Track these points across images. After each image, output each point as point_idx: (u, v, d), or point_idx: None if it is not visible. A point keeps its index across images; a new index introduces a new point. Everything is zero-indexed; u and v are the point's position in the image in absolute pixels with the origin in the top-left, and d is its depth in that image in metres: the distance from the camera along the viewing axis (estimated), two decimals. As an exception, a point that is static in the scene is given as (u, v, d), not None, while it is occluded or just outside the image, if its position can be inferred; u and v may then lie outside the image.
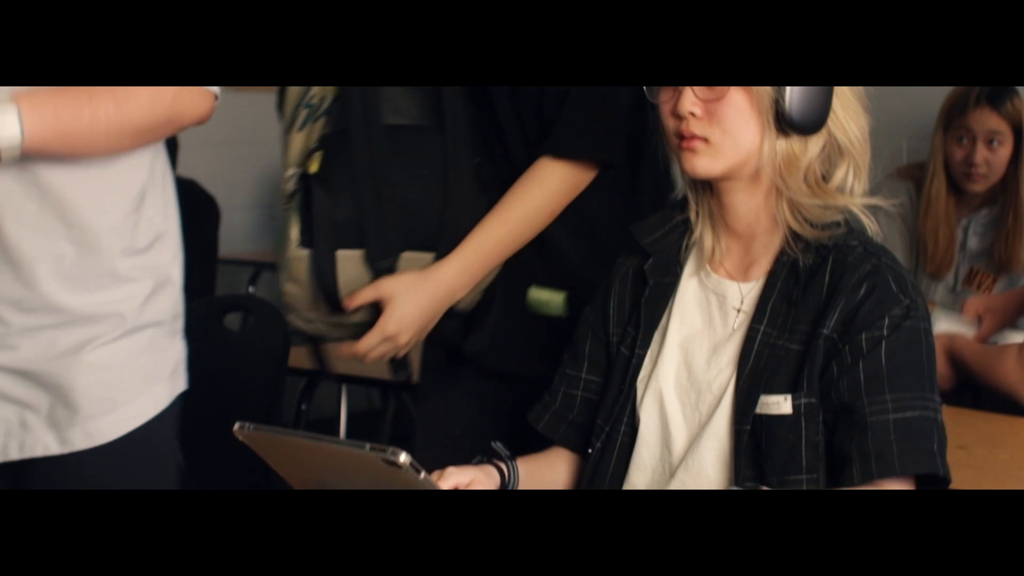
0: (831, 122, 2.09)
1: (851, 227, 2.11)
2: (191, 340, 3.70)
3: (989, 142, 4.17)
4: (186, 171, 5.57)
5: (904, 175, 4.34)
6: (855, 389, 2.01)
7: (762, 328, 2.08)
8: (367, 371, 3.65)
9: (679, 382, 2.15)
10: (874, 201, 2.12)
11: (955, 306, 4.25)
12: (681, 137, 2.08)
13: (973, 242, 4.25)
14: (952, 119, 4.21)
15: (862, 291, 2.03)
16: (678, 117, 2.08)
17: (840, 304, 2.03)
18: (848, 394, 2.02)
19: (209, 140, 5.98)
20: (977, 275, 4.24)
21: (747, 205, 2.12)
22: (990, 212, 4.24)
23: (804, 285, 2.07)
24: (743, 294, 2.14)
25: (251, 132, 6.16)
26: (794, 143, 2.07)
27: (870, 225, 2.11)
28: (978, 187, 4.20)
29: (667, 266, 2.21)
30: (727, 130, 2.06)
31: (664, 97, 2.10)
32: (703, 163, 2.08)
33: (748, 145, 2.07)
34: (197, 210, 5.02)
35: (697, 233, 2.19)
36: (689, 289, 2.19)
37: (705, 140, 2.07)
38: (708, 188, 2.16)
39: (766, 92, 2.04)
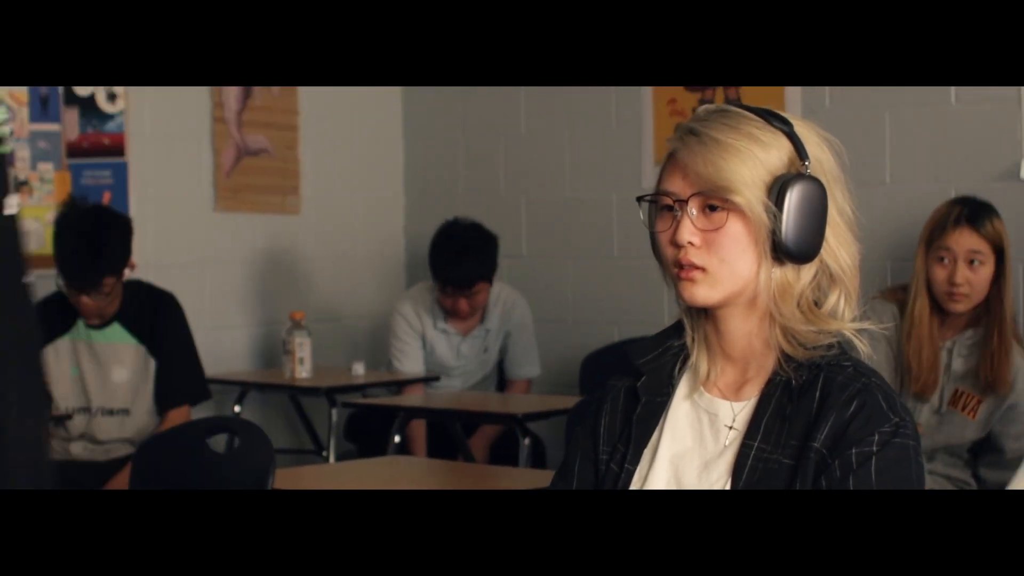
0: (824, 251, 2.12)
1: (843, 349, 2.13)
2: (176, 460, 3.73)
3: (970, 262, 4.19)
4: (173, 290, 5.58)
5: (888, 297, 4.36)
6: None
7: (756, 444, 2.08)
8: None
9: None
10: (865, 325, 2.15)
11: (940, 427, 4.25)
12: (680, 266, 2.10)
13: (958, 364, 4.25)
14: (933, 239, 4.23)
15: (852, 407, 2.04)
16: (676, 246, 2.10)
17: (831, 418, 2.04)
18: None
19: (196, 260, 6.00)
20: (962, 396, 4.24)
21: (742, 330, 2.14)
22: (974, 333, 4.25)
23: (796, 401, 2.08)
24: (735, 412, 2.14)
25: (239, 251, 6.18)
26: (788, 271, 2.11)
27: (862, 348, 2.13)
28: (960, 307, 4.22)
29: (659, 386, 2.22)
30: (725, 259, 2.09)
31: (662, 226, 2.13)
32: (702, 292, 2.10)
33: (746, 273, 2.10)
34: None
35: (693, 358, 2.20)
36: (681, 409, 2.20)
37: (703, 269, 2.09)
38: (704, 314, 2.17)
39: (763, 223, 2.07)
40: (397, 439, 5.07)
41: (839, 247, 2.14)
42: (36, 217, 5.65)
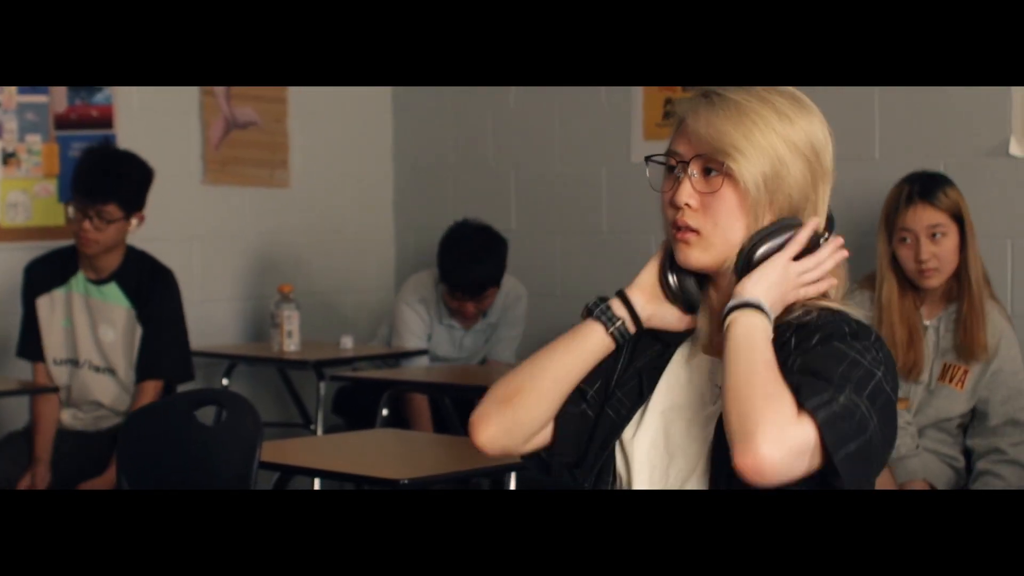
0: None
1: (831, 311, 2.16)
2: (163, 433, 3.73)
3: (932, 236, 4.19)
4: (164, 261, 5.58)
5: (864, 286, 4.36)
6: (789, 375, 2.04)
7: None
8: (342, 466, 3.65)
9: (655, 446, 2.16)
10: (852, 308, 2.18)
11: (931, 402, 4.26)
12: (677, 228, 2.14)
13: (946, 339, 4.26)
14: (891, 222, 4.24)
15: (816, 338, 2.08)
16: (675, 207, 2.14)
17: (798, 344, 2.08)
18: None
19: (186, 233, 5.99)
20: (950, 369, 4.25)
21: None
22: (957, 307, 4.25)
23: (779, 348, 2.09)
24: None
25: (228, 225, 6.17)
26: None
27: (854, 310, 2.16)
28: (934, 282, 4.22)
29: (665, 344, 2.26)
30: (719, 223, 2.12)
31: (666, 187, 2.16)
32: (695, 255, 2.14)
33: (739, 239, 2.13)
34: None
35: (698, 318, 2.23)
36: (681, 366, 2.23)
37: (697, 232, 2.12)
38: (707, 277, 2.20)
39: (754, 193, 2.11)
40: (385, 412, 5.07)
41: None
42: (24, 189, 5.64)
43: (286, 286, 5.71)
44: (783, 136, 2.13)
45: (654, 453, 2.16)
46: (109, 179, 4.85)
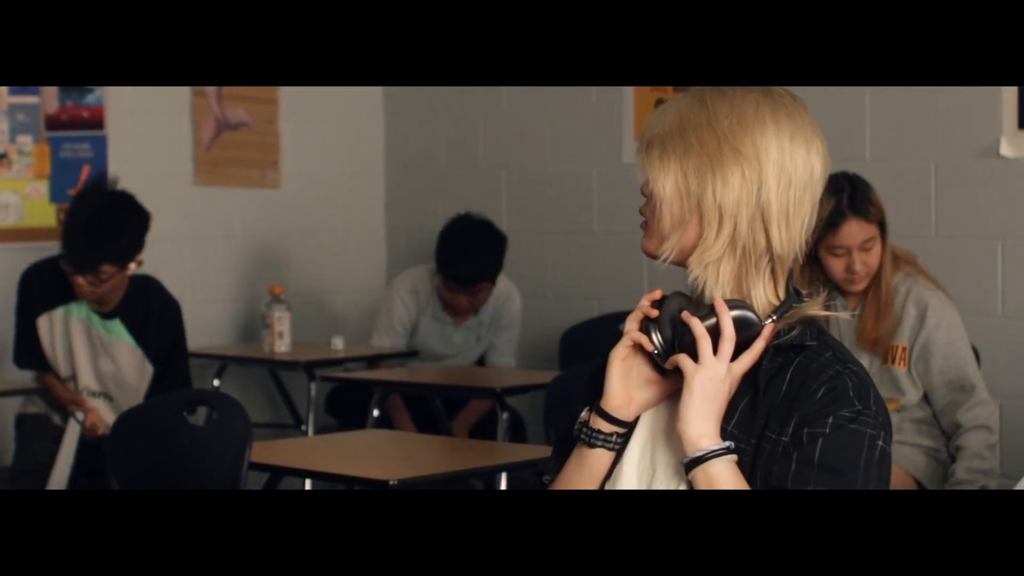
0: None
1: (816, 326, 2.13)
2: (154, 434, 3.73)
3: (864, 248, 4.18)
4: (153, 265, 5.56)
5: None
6: (782, 477, 2.01)
7: (729, 428, 2.08)
8: (332, 467, 3.65)
9: (642, 462, 2.15)
10: (844, 315, 2.16)
11: (882, 386, 4.25)
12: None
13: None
14: (823, 238, 4.16)
15: (819, 394, 2.03)
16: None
17: (799, 408, 2.03)
18: (776, 479, 2.02)
19: (176, 234, 5.99)
20: (889, 351, 4.22)
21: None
22: (865, 300, 4.25)
23: (766, 383, 2.07)
24: None
25: (219, 226, 6.17)
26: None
27: (832, 316, 2.14)
28: (861, 287, 4.22)
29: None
30: (655, 213, 2.10)
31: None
32: (643, 242, 2.12)
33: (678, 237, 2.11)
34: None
35: None
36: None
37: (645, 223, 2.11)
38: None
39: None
40: (376, 413, 5.08)
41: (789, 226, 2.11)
42: (15, 190, 5.64)
43: (277, 287, 5.71)
44: (696, 123, 2.10)
45: (641, 470, 2.15)
46: (102, 244, 4.73)
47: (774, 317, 2.09)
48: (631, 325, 2.13)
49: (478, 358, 5.76)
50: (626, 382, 2.14)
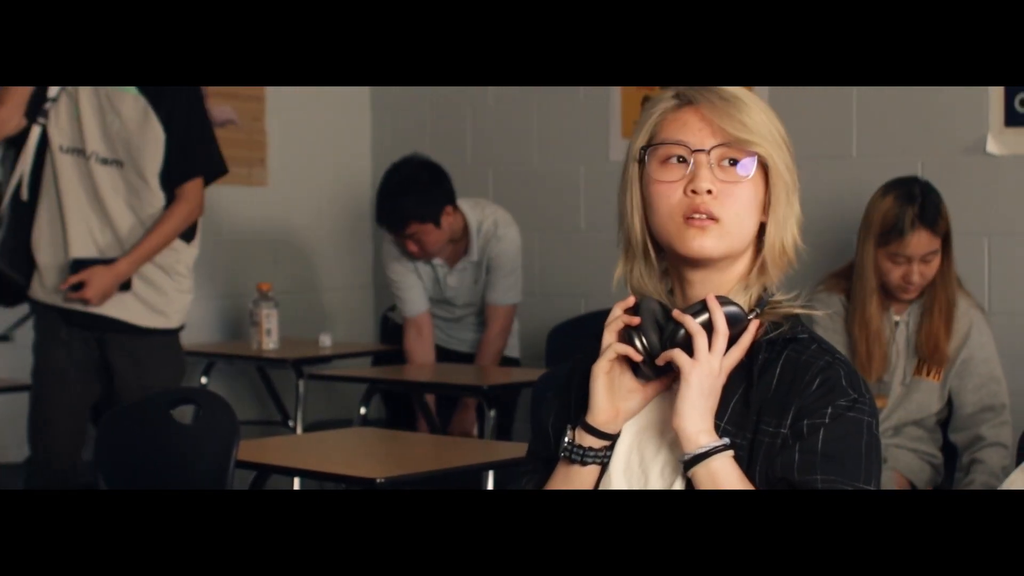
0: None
1: (799, 320, 2.15)
2: (140, 431, 3.72)
3: (925, 260, 4.18)
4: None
5: (832, 288, 4.34)
6: (788, 467, 2.03)
7: (723, 425, 2.09)
8: (318, 465, 3.65)
9: (630, 467, 2.15)
10: (817, 311, 2.21)
11: (909, 397, 4.26)
12: (691, 216, 2.10)
13: (916, 335, 4.26)
14: (888, 242, 4.18)
15: (814, 385, 2.06)
16: (693, 194, 2.09)
17: (795, 400, 2.06)
18: (782, 470, 2.04)
19: (164, 231, 5.98)
20: (925, 363, 4.25)
21: (719, 292, 2.13)
22: (921, 304, 4.26)
23: (757, 377, 2.09)
24: None
25: (206, 223, 6.15)
26: (787, 233, 2.16)
27: (816, 313, 2.16)
28: (913, 295, 4.23)
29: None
30: (739, 213, 2.11)
31: (669, 175, 2.11)
32: (710, 243, 2.10)
33: (749, 233, 2.13)
34: None
35: None
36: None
37: (716, 220, 2.09)
38: (675, 279, 2.18)
39: (783, 178, 2.13)
40: (363, 411, 5.07)
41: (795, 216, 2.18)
42: (1, 187, 5.62)
43: (265, 284, 5.71)
44: (778, 127, 2.14)
45: (630, 474, 2.15)
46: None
47: (758, 311, 2.12)
48: (610, 337, 2.13)
49: (478, 300, 5.62)
50: (611, 396, 2.14)
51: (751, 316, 2.10)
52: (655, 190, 2.12)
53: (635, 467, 2.15)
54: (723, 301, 2.08)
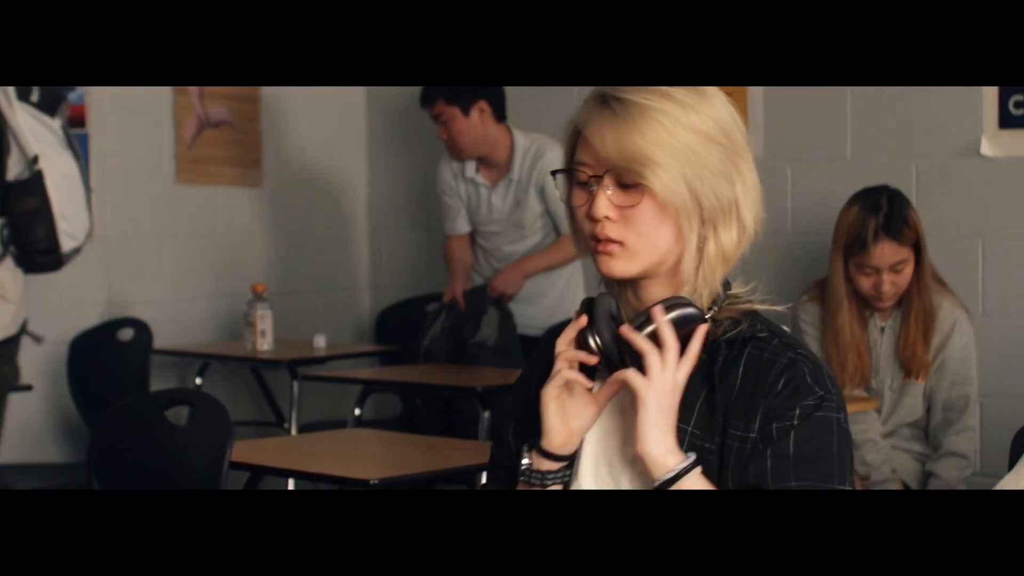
0: (743, 218, 2.11)
1: (759, 316, 2.12)
2: (134, 433, 3.73)
3: (894, 270, 4.18)
4: (135, 263, 5.58)
5: (813, 298, 4.35)
6: (761, 475, 2.01)
7: (689, 428, 2.06)
8: (312, 466, 3.65)
9: (598, 476, 2.13)
10: (778, 308, 2.13)
11: (902, 402, 4.27)
12: (597, 240, 2.07)
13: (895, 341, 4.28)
14: (853, 254, 4.18)
15: (779, 386, 2.03)
16: (593, 220, 2.06)
17: (762, 402, 2.03)
18: (755, 478, 2.02)
19: (157, 232, 5.99)
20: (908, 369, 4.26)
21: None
22: (901, 311, 4.27)
23: (720, 383, 2.06)
24: None
25: (201, 224, 6.16)
26: (721, 236, 2.08)
27: (776, 309, 2.12)
28: (888, 305, 4.23)
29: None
30: (643, 233, 2.05)
31: (579, 200, 2.08)
32: (619, 265, 2.07)
33: (665, 245, 2.06)
34: None
35: None
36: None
37: (620, 243, 2.06)
38: (625, 285, 2.14)
39: (681, 199, 2.04)
40: (357, 412, 5.08)
41: (750, 209, 2.12)
42: (-4, 188, 5.62)
43: (259, 285, 5.71)
44: (692, 128, 2.04)
45: (599, 483, 2.14)
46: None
47: (715, 309, 2.09)
48: (560, 363, 2.09)
49: (540, 231, 5.53)
50: (564, 419, 2.11)
51: (708, 315, 2.07)
52: (571, 212, 2.12)
53: (604, 476, 2.13)
54: (677, 302, 2.05)
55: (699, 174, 2.04)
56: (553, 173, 2.13)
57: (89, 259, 5.73)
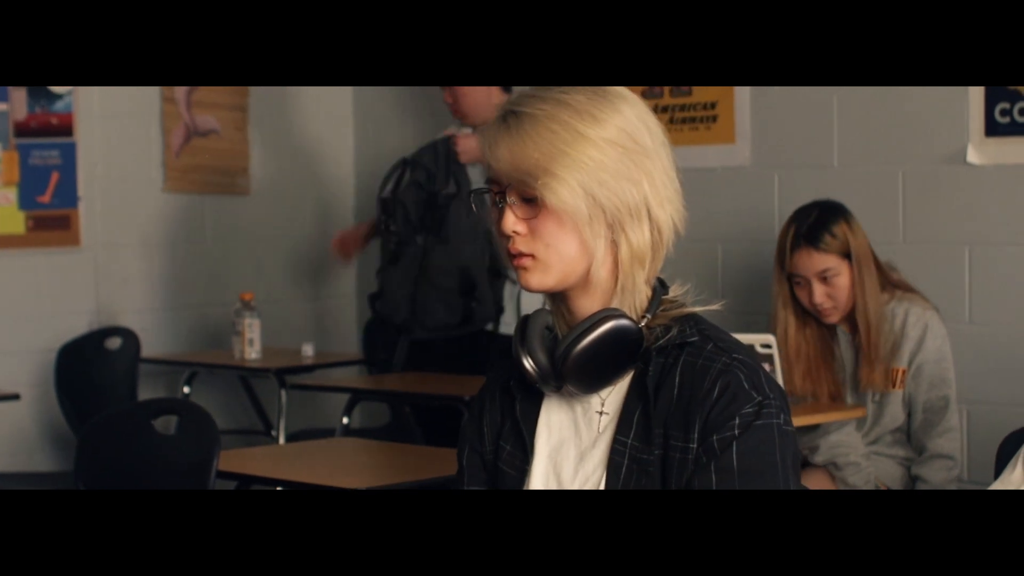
0: (654, 213, 2.07)
1: (696, 319, 2.10)
2: (121, 442, 3.72)
3: (823, 279, 4.19)
4: (122, 271, 5.58)
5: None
6: (706, 489, 1.99)
7: (629, 441, 2.05)
8: (303, 476, 3.65)
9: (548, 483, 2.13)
10: (713, 307, 2.12)
11: (884, 411, 4.28)
12: (512, 256, 2.07)
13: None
14: (782, 263, 4.23)
15: (715, 394, 2.01)
16: (506, 236, 2.07)
17: (698, 413, 2.01)
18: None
19: (146, 241, 5.98)
20: (889, 374, 4.24)
21: (591, 309, 2.09)
22: (854, 340, 4.29)
23: (656, 389, 2.05)
24: (603, 397, 2.11)
25: (188, 233, 6.16)
26: (630, 238, 2.06)
27: (712, 308, 2.11)
28: (833, 319, 4.25)
29: (536, 391, 2.16)
30: (550, 244, 2.04)
31: (495, 215, 2.08)
32: (535, 279, 2.06)
33: (574, 253, 2.05)
34: None
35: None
36: (554, 403, 2.16)
37: (532, 256, 2.05)
38: (558, 298, 2.13)
39: (578, 210, 2.02)
40: (345, 421, 5.07)
41: (664, 208, 2.07)
42: (-16, 197, 5.62)
43: (247, 294, 5.71)
44: (588, 136, 2.02)
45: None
46: None
47: (648, 316, 2.07)
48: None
49: None
50: None
51: (641, 323, 2.06)
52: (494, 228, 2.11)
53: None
54: (609, 315, 2.05)
55: (598, 179, 2.02)
56: (469, 194, 2.14)
57: (77, 267, 5.75)
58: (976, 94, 4.69)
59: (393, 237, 5.24)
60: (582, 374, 2.07)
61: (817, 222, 4.21)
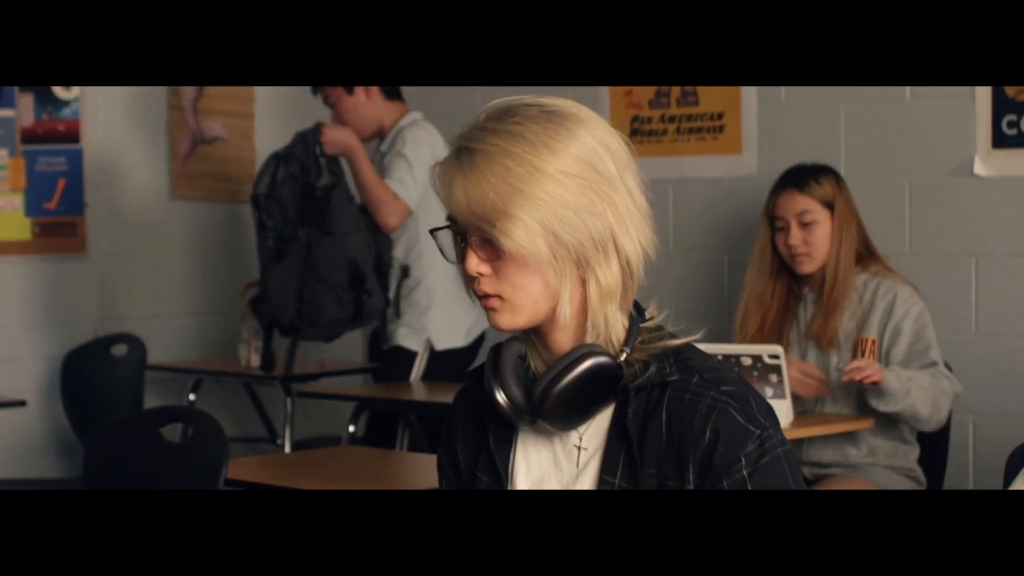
0: (620, 242, 1.99)
1: (671, 356, 2.03)
2: (129, 450, 3.72)
3: (803, 224, 4.26)
4: (128, 279, 5.58)
5: None
6: None
7: (616, 481, 2.01)
8: (312, 485, 3.65)
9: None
10: (693, 339, 2.06)
11: (829, 373, 4.26)
12: (479, 296, 2.01)
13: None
14: (770, 212, 4.36)
15: (707, 435, 1.95)
16: (471, 276, 2.00)
17: (691, 454, 1.96)
18: None
19: (153, 248, 5.99)
20: (858, 345, 4.22)
21: (567, 345, 2.03)
22: (819, 292, 4.32)
23: (642, 429, 2.00)
24: (580, 432, 2.06)
25: (195, 240, 6.16)
26: (598, 273, 1.99)
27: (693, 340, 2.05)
28: (806, 268, 4.30)
29: (508, 425, 2.10)
30: (516, 284, 1.98)
31: (460, 255, 2.01)
32: (505, 319, 2.00)
33: (541, 291, 1.98)
34: None
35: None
36: (530, 437, 2.11)
37: (499, 297, 1.99)
38: (531, 333, 2.06)
39: (538, 253, 1.95)
40: (351, 429, 5.07)
41: (631, 236, 2.00)
42: (-9, 204, 5.63)
43: (253, 301, 5.71)
44: (545, 170, 1.94)
45: None
46: None
47: (627, 350, 2.01)
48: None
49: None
50: None
51: (621, 357, 2.00)
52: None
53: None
54: (589, 351, 1.99)
55: (558, 216, 1.94)
56: (432, 232, 2.04)
57: (83, 274, 5.76)
58: (983, 106, 4.70)
59: (270, 233, 5.07)
60: (560, 413, 2.01)
61: (807, 169, 4.37)
